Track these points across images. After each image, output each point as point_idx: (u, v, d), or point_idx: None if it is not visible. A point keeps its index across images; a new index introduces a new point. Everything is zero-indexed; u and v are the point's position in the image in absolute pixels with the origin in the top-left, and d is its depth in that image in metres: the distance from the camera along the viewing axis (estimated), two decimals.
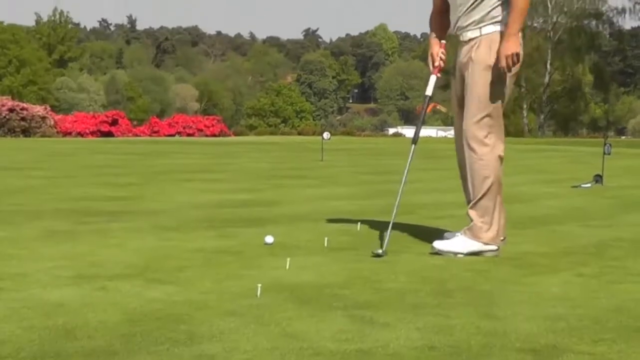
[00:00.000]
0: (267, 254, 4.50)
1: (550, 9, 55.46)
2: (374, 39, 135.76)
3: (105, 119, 31.45)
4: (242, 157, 14.98)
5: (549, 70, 56.05)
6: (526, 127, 56.33)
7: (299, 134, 41.28)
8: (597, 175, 9.52)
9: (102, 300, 3.36)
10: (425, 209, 6.78)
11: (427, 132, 57.66)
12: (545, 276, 4.04)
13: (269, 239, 4.81)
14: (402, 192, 4.80)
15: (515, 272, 4.13)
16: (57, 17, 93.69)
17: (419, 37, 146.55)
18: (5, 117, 27.26)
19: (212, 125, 34.03)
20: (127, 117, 34.54)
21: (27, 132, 27.39)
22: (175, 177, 10.00)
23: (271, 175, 10.60)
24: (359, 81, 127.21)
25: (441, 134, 55.14)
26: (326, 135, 14.36)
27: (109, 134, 29.84)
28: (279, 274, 3.96)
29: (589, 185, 9.23)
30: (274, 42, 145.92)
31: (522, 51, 4.64)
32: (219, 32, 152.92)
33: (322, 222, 5.84)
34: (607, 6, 58.10)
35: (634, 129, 75.10)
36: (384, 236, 4.67)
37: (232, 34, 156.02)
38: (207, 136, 31.88)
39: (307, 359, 2.63)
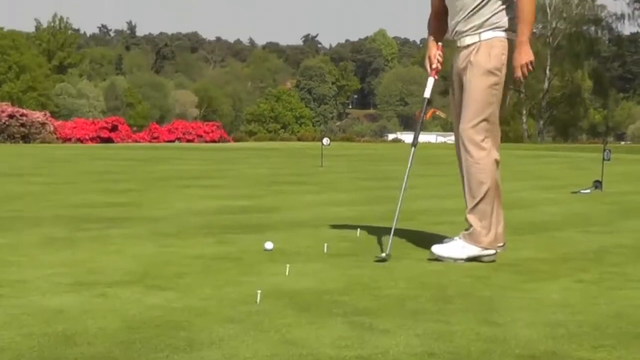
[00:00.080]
0: (266, 260, 4.50)
1: (549, 15, 55.60)
2: (373, 44, 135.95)
3: (104, 125, 31.51)
4: (241, 163, 14.98)
5: (548, 76, 56.14)
6: (525, 133, 56.41)
7: (299, 139, 41.34)
8: (597, 181, 9.52)
9: (101, 307, 3.36)
10: (424, 215, 6.78)
11: (427, 137, 57.71)
12: (545, 282, 4.04)
13: (269, 245, 4.81)
14: (404, 191, 4.80)
15: (515, 278, 4.13)
16: (57, 23, 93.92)
17: (418, 42, 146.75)
18: (5, 123, 27.30)
19: (212, 131, 34.10)
20: (126, 123, 34.63)
21: (26, 138, 27.42)
22: (174, 183, 10.00)
23: (271, 181, 10.60)
24: (359, 87, 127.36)
25: (440, 139, 55.16)
26: (326, 141, 14.36)
27: (108, 140, 29.88)
28: (279, 280, 3.96)
29: (589, 191, 9.23)
30: (273, 47, 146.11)
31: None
32: (219, 38, 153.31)
33: (322, 228, 5.84)
34: (606, 12, 58.33)
35: (634, 134, 75.19)
36: (387, 240, 4.67)
37: (231, 39, 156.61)
38: (206, 142, 31.93)
39: None
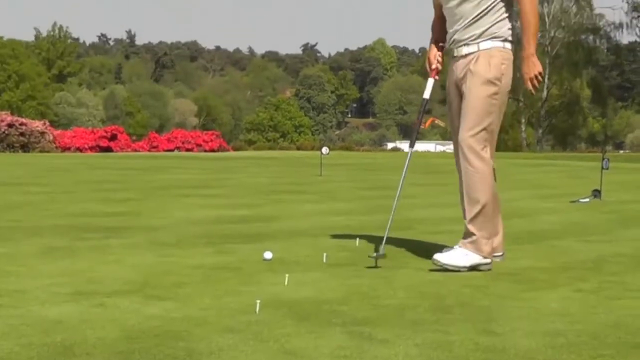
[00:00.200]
0: (265, 270, 4.51)
1: (547, 24, 55.68)
2: (372, 53, 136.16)
3: (104, 134, 31.52)
4: (240, 172, 14.98)
5: (546, 84, 56.19)
6: (524, 142, 56.46)
7: (298, 148, 41.35)
8: (596, 190, 9.53)
9: (100, 317, 3.36)
10: (423, 224, 6.79)
11: (426, 146, 57.79)
12: (543, 292, 4.04)
13: (268, 255, 4.81)
14: (401, 190, 4.84)
15: (513, 288, 4.13)
16: (57, 32, 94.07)
17: (417, 51, 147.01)
18: (4, 132, 27.31)
19: (211, 140, 34.10)
20: (126, 132, 34.61)
21: (25, 147, 27.42)
22: (173, 193, 10.00)
23: (270, 190, 10.60)
24: (358, 96, 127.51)
25: (440, 148, 55.21)
26: (325, 150, 14.36)
27: (107, 149, 29.88)
28: (278, 290, 3.96)
29: (587, 200, 9.24)
30: (272, 56, 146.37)
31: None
32: (218, 47, 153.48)
33: (321, 237, 5.84)
34: (604, 21, 58.46)
35: (632, 143, 75.28)
36: (382, 239, 4.70)
37: (231, 48, 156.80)
38: (205, 151, 31.92)
39: None
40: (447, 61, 4.96)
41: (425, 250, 5.18)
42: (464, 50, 4.72)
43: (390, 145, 69.28)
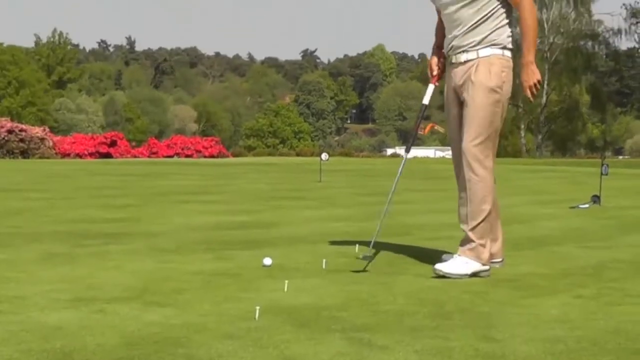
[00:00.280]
0: (265, 276, 4.50)
1: (546, 30, 55.77)
2: (371, 59, 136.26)
3: (103, 140, 31.53)
4: (240, 179, 14.99)
5: (546, 90, 56.25)
6: (524, 148, 56.48)
7: (297, 154, 41.33)
8: (595, 195, 9.54)
9: (100, 323, 3.36)
10: (422, 230, 6.79)
11: (425, 152, 57.81)
12: (543, 298, 4.04)
13: (267, 261, 4.81)
14: (392, 195, 4.91)
15: (513, 294, 4.13)
16: (57, 38, 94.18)
17: (416, 57, 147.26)
18: (4, 138, 27.32)
19: (211, 146, 34.12)
20: (125, 138, 34.62)
21: (25, 154, 27.43)
22: (173, 199, 10.00)
23: (269, 196, 10.60)
24: (357, 102, 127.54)
25: (439, 154, 55.21)
26: (324, 156, 14.37)
27: (107, 156, 29.89)
28: (277, 296, 3.96)
29: (587, 205, 9.24)
30: (272, 62, 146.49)
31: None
32: (218, 53, 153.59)
33: (321, 243, 5.84)
34: (603, 27, 58.56)
35: (631, 149, 75.29)
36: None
37: (230, 54, 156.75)
38: (205, 157, 31.93)
39: None
40: (446, 67, 4.96)
41: (424, 256, 5.18)
42: (463, 57, 4.71)
43: (389, 151, 69.31)
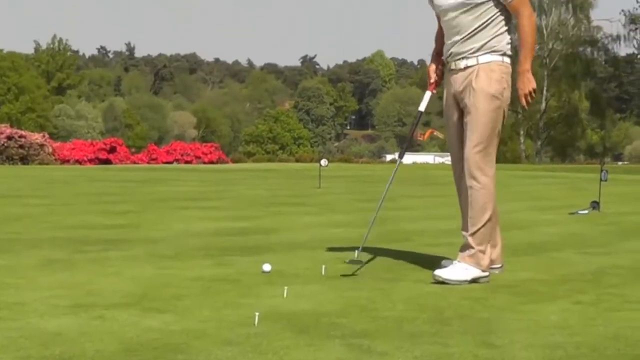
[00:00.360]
0: (264, 283, 4.51)
1: (545, 36, 55.88)
2: (371, 65, 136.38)
3: (103, 146, 31.55)
4: (239, 185, 14.99)
5: (545, 96, 56.34)
6: (523, 154, 56.52)
7: (297, 160, 41.33)
8: (594, 201, 9.54)
9: (99, 329, 3.36)
10: (422, 236, 6.79)
11: (425, 158, 57.85)
12: (543, 304, 4.04)
13: (267, 267, 4.81)
14: (383, 201, 4.97)
15: (513, 300, 4.13)
16: (56, 44, 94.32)
17: (415, 63, 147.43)
18: (3, 144, 27.33)
19: (210, 152, 34.11)
20: (125, 144, 34.63)
21: (25, 160, 27.44)
22: (172, 205, 10.00)
23: (269, 202, 10.61)
24: (357, 108, 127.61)
25: (438, 160, 55.22)
26: (324, 162, 14.37)
27: (107, 162, 29.89)
28: (277, 302, 3.96)
29: (586, 211, 9.25)
30: (271, 68, 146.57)
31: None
32: (217, 59, 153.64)
33: (320, 250, 5.85)
34: (602, 33, 58.66)
35: (631, 154, 75.38)
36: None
37: (230, 60, 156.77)
38: (204, 163, 31.92)
39: None
40: (445, 73, 4.96)
41: (424, 262, 5.18)
42: (463, 63, 4.72)
43: (389, 157, 69.31)
